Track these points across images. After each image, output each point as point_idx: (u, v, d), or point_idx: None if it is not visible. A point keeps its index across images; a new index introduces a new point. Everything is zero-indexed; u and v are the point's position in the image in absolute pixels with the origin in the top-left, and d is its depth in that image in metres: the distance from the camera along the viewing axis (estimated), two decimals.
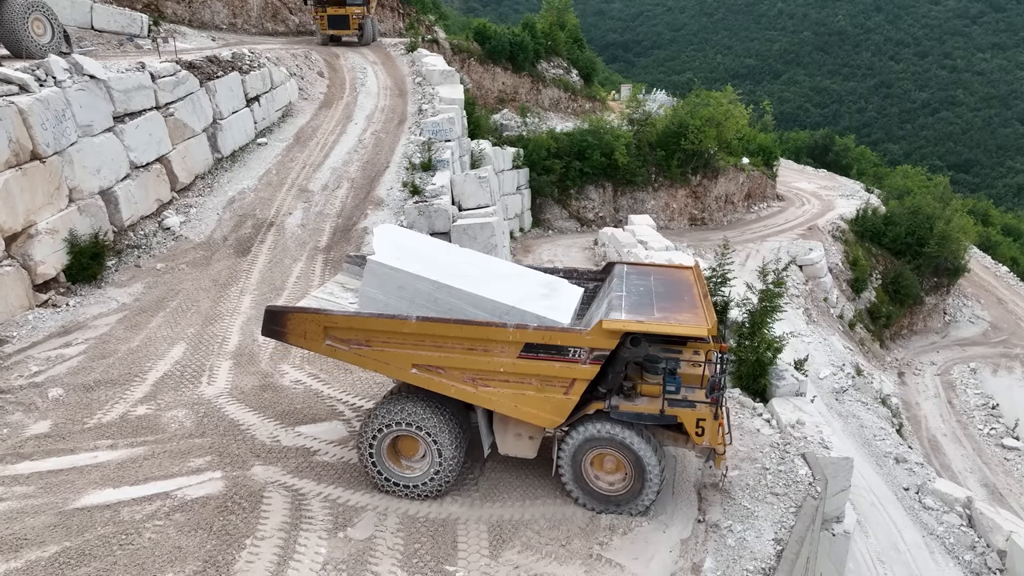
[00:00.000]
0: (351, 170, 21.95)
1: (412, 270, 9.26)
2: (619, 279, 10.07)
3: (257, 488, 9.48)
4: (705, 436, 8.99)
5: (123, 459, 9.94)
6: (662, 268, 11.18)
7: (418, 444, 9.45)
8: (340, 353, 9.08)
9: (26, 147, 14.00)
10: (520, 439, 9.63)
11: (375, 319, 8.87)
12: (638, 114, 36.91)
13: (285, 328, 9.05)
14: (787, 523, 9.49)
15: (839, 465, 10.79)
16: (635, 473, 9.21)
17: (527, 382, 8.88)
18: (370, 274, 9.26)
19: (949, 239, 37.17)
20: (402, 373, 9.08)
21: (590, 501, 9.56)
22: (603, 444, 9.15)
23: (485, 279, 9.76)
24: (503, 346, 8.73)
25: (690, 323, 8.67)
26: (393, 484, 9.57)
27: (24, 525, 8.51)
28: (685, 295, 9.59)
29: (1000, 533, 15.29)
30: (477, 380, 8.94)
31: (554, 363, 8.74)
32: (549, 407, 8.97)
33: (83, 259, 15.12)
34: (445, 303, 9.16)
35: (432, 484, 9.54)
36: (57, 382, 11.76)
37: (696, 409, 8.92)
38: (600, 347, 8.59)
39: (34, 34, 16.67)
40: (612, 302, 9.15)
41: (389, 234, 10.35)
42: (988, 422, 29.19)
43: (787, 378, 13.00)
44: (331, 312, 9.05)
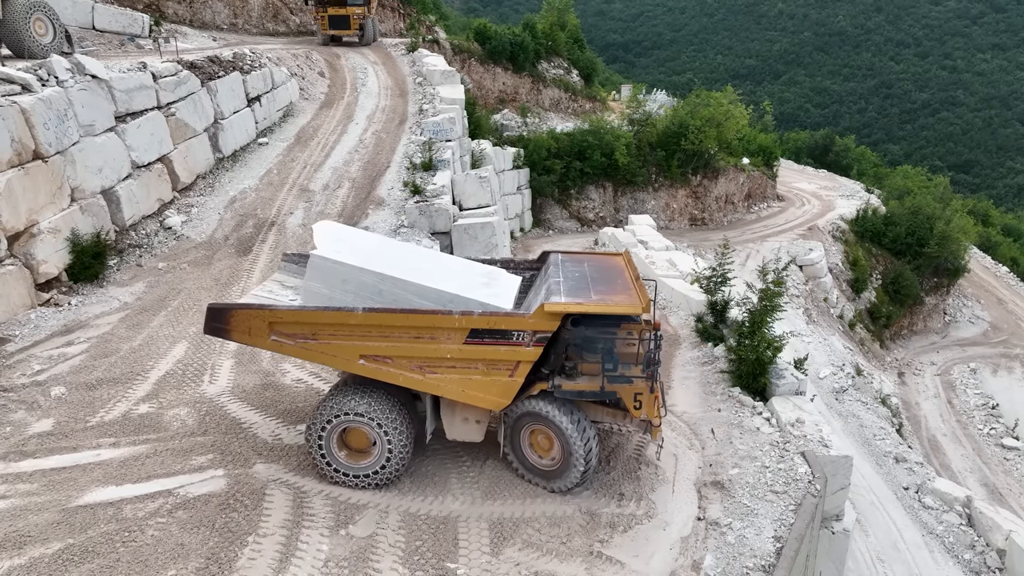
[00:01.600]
0: (352, 170, 21.99)
1: (356, 263, 9.37)
2: (555, 267, 10.53)
3: (259, 486, 9.53)
4: (642, 409, 9.56)
5: (126, 457, 9.98)
6: (595, 255, 11.88)
7: (367, 435, 9.57)
8: (286, 348, 9.16)
9: (28, 147, 14.04)
10: (467, 423, 9.99)
11: (321, 312, 9.00)
12: (638, 114, 36.91)
13: (229, 325, 9.10)
14: (787, 521, 9.53)
15: (838, 463, 10.82)
16: (562, 449, 9.72)
17: (474, 367, 9.22)
18: (313, 269, 9.33)
19: (949, 239, 37.14)
20: (349, 364, 9.22)
21: (528, 474, 10.10)
22: (534, 420, 9.70)
23: (427, 270, 10.01)
24: (450, 333, 9.04)
25: (625, 303, 9.24)
26: (343, 475, 9.66)
27: (27, 522, 8.56)
28: (618, 279, 10.16)
29: (999, 532, 15.30)
30: (425, 367, 9.20)
31: (499, 347, 9.12)
32: (495, 390, 9.35)
33: (85, 258, 15.16)
34: (390, 294, 9.34)
35: (382, 474, 9.68)
36: (59, 380, 11.80)
37: (633, 384, 9.44)
38: (543, 329, 9.04)
39: (36, 34, 16.72)
40: (551, 287, 9.62)
41: (329, 230, 10.36)
42: (988, 422, 29.19)
43: (787, 377, 13.03)
44: (276, 307, 9.13)
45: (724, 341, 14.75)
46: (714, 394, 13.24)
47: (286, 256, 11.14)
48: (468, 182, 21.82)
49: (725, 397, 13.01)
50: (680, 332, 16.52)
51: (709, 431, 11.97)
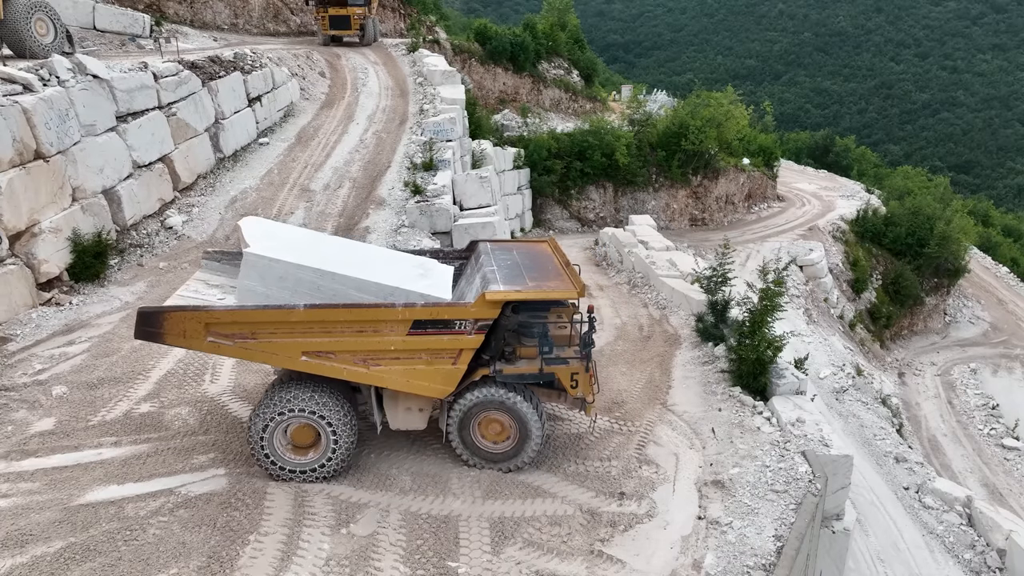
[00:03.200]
0: (353, 170, 22.01)
1: (293, 259, 9.30)
2: (486, 255, 10.81)
3: (260, 484, 9.55)
4: (579, 388, 10.13)
5: (127, 456, 10.00)
6: (522, 243, 12.27)
7: (311, 430, 9.59)
8: (224, 348, 9.06)
9: (30, 146, 14.07)
10: (410, 413, 10.17)
11: (261, 311, 8.93)
12: (639, 115, 36.90)
13: (162, 329, 8.85)
14: (787, 520, 9.53)
15: (839, 463, 10.83)
16: (519, 433, 10.14)
17: (417, 357, 9.41)
18: (248, 267, 9.18)
19: (949, 240, 37.08)
20: (291, 362, 9.20)
21: (480, 462, 10.32)
22: (492, 408, 9.96)
23: (362, 264, 10.02)
24: (392, 325, 9.18)
25: (562, 288, 9.73)
26: (288, 472, 9.64)
27: (29, 521, 8.58)
28: (548, 265, 10.58)
29: (1000, 532, 15.31)
30: (368, 360, 9.30)
31: (442, 336, 9.37)
32: (439, 378, 9.58)
33: (86, 258, 15.19)
34: (328, 289, 9.33)
35: (326, 468, 9.71)
36: (61, 380, 11.82)
37: (569, 365, 9.99)
38: (484, 317, 9.35)
39: (37, 34, 16.74)
40: (487, 276, 9.90)
41: (258, 226, 10.24)
42: (988, 422, 29.17)
43: (787, 377, 13.01)
44: (213, 308, 8.98)
45: (724, 341, 14.75)
46: (714, 394, 13.24)
47: (207, 254, 10.88)
48: (469, 182, 21.84)
49: (726, 397, 13.01)
50: (680, 332, 16.52)
51: (710, 430, 11.98)
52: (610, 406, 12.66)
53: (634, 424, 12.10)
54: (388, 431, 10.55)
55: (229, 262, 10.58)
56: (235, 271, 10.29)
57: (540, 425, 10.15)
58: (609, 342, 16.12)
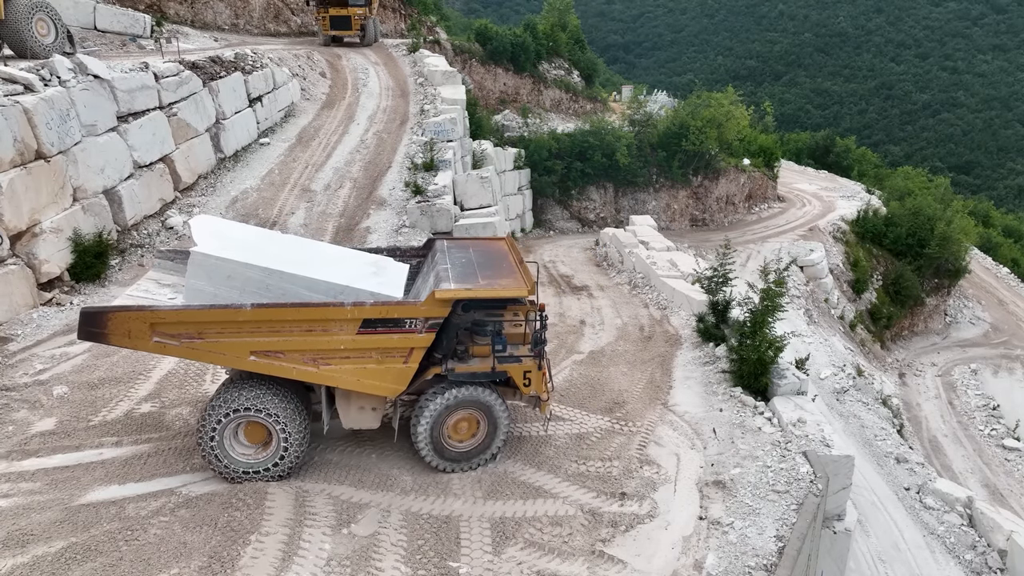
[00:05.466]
0: (353, 170, 22.01)
1: (240, 259, 9.18)
2: (441, 253, 10.77)
3: (261, 485, 9.53)
4: (532, 386, 10.17)
5: (128, 456, 10.00)
6: (479, 241, 12.31)
7: (262, 429, 9.50)
8: (170, 349, 8.93)
9: (31, 146, 14.07)
10: (363, 412, 10.11)
11: (208, 311, 8.80)
12: (639, 115, 36.92)
13: (106, 329, 8.64)
14: (789, 520, 9.52)
15: (840, 463, 10.82)
16: (488, 428, 10.22)
17: (367, 356, 9.34)
18: (195, 266, 9.06)
19: (950, 240, 37.06)
20: (239, 361, 9.10)
21: (442, 462, 10.23)
22: (464, 406, 9.98)
23: (314, 262, 9.96)
24: (342, 324, 9.11)
25: (512, 287, 9.70)
26: (243, 473, 9.55)
27: (31, 521, 8.58)
28: (503, 263, 10.57)
29: (1001, 533, 15.29)
30: (318, 360, 9.24)
31: (392, 335, 9.32)
32: (390, 377, 9.52)
33: (87, 258, 15.21)
34: (278, 289, 9.25)
35: (279, 467, 9.63)
36: (62, 380, 11.82)
37: (522, 363, 10.06)
38: (434, 316, 9.33)
39: (38, 34, 16.75)
40: (440, 274, 9.84)
41: (208, 224, 10.10)
42: (989, 423, 29.15)
43: (788, 377, 13.01)
44: (158, 308, 8.81)
45: (725, 341, 14.75)
46: (716, 394, 13.24)
47: (160, 253, 10.76)
48: (469, 182, 21.85)
49: (727, 397, 13.01)
50: (681, 332, 16.52)
51: (711, 431, 11.98)
52: (611, 406, 12.66)
53: (635, 424, 12.10)
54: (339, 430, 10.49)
55: (181, 261, 10.37)
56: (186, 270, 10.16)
57: (507, 422, 10.30)
58: (610, 342, 16.11)
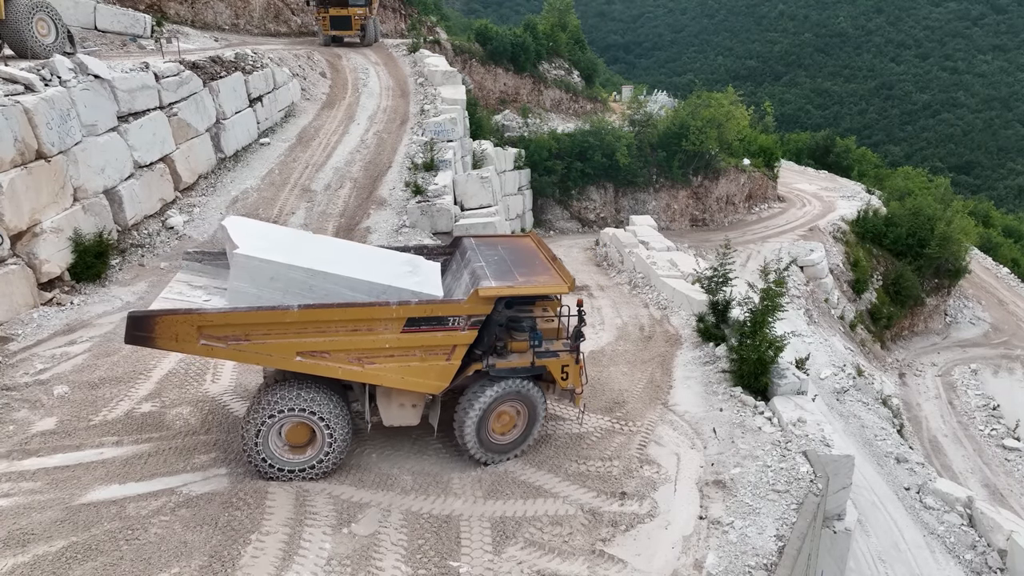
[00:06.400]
0: (353, 170, 22.02)
1: (284, 260, 9.22)
2: (472, 251, 10.90)
3: (261, 484, 9.55)
4: (569, 380, 10.46)
5: (129, 455, 10.00)
6: (506, 238, 12.57)
7: (306, 429, 9.59)
8: (217, 351, 8.94)
9: (31, 146, 14.07)
10: (404, 409, 10.27)
11: (255, 312, 8.80)
12: (639, 115, 36.93)
13: (153, 333, 8.61)
14: (789, 520, 9.53)
15: (840, 463, 10.83)
16: (528, 419, 10.51)
17: (412, 354, 9.49)
18: (239, 268, 9.07)
19: (950, 240, 37.05)
20: (286, 362, 9.14)
21: (487, 454, 10.45)
22: (507, 400, 10.20)
23: (352, 262, 10.01)
24: (387, 323, 9.23)
25: (552, 283, 9.94)
26: (287, 472, 9.63)
27: (31, 520, 8.58)
28: (535, 260, 10.77)
29: (1001, 532, 15.30)
30: (363, 359, 9.34)
31: (436, 333, 9.48)
32: (434, 374, 9.69)
33: (87, 258, 15.20)
34: (320, 289, 9.29)
35: (322, 466, 9.74)
36: (62, 379, 11.82)
37: (560, 357, 10.33)
38: (477, 313, 9.50)
39: (38, 34, 16.75)
40: (476, 272, 9.97)
41: (242, 225, 10.12)
42: (989, 423, 29.15)
43: (788, 377, 13.01)
44: (206, 311, 8.80)
45: (726, 341, 14.75)
46: (716, 394, 13.24)
47: (188, 254, 10.66)
48: (470, 182, 21.85)
49: (727, 397, 13.01)
50: (681, 332, 16.52)
51: (711, 430, 11.98)
52: (611, 406, 12.67)
53: (635, 424, 12.10)
54: (380, 427, 10.57)
55: (210, 262, 10.45)
56: (217, 271, 10.22)
57: (543, 413, 10.56)
58: (610, 342, 16.11)
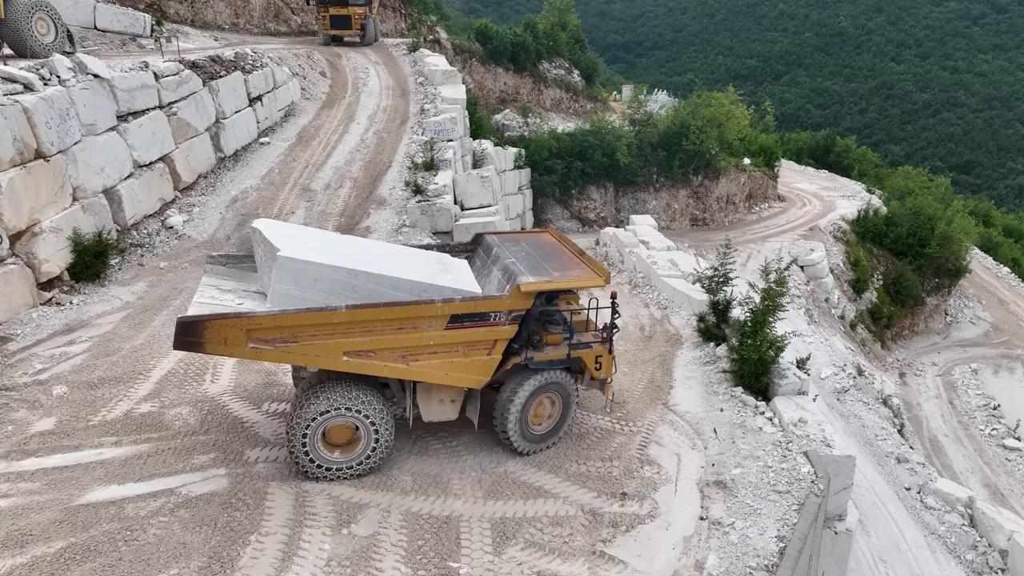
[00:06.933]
0: (353, 169, 21.99)
1: (326, 261, 9.27)
2: (498, 248, 11.09)
3: (261, 485, 9.52)
4: (602, 369, 10.88)
5: (128, 456, 9.98)
6: (526, 234, 12.85)
7: (350, 427, 9.68)
8: (265, 354, 8.96)
9: (30, 146, 14.04)
10: (443, 404, 10.44)
11: (304, 314, 8.84)
12: (639, 115, 36.89)
13: (202, 338, 8.60)
14: (790, 521, 9.50)
15: (841, 463, 10.80)
16: (562, 410, 10.83)
17: (454, 350, 9.68)
18: (282, 270, 9.07)
19: (950, 240, 37.01)
20: (333, 362, 9.20)
21: (527, 444, 10.68)
22: (544, 391, 10.48)
23: (387, 261, 10.08)
24: (431, 321, 9.39)
25: (588, 277, 10.24)
26: (330, 471, 9.71)
27: (30, 521, 8.55)
28: (561, 255, 11.03)
29: (1002, 533, 15.28)
30: (408, 356, 9.48)
31: (479, 329, 9.68)
32: (476, 369, 9.91)
33: (87, 257, 15.16)
34: (363, 289, 9.35)
35: (367, 464, 9.85)
36: (61, 380, 11.79)
37: (593, 348, 10.72)
38: (518, 308, 9.73)
39: (38, 34, 16.73)
40: (509, 268, 10.21)
41: (274, 228, 10.13)
42: (989, 423, 29.12)
43: (789, 377, 12.98)
44: (255, 314, 8.80)
45: (726, 341, 14.72)
46: (716, 394, 13.21)
47: (212, 258, 10.68)
48: (470, 182, 21.82)
49: (727, 397, 12.98)
50: (682, 332, 16.49)
51: (712, 431, 11.95)
52: (611, 406, 12.63)
53: (636, 424, 12.07)
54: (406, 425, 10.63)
55: (235, 265, 10.49)
56: (242, 275, 10.26)
57: (576, 401, 10.88)
58: None
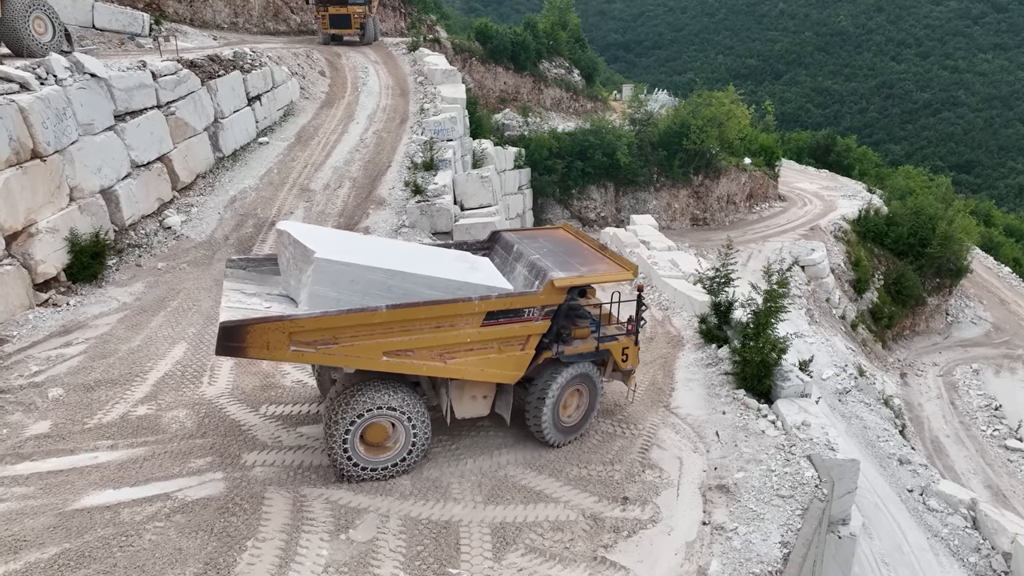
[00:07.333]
0: (353, 169, 21.88)
1: (363, 262, 9.27)
2: (518, 245, 11.25)
3: (258, 489, 9.41)
4: (629, 361, 11.15)
5: (123, 460, 9.86)
6: (541, 231, 13.06)
7: (387, 427, 9.71)
8: (307, 356, 8.89)
9: (27, 145, 13.92)
10: (475, 401, 10.53)
11: (345, 315, 8.84)
12: (640, 114, 36.80)
13: (245, 343, 8.51)
14: (794, 526, 9.39)
15: (845, 467, 10.68)
16: (589, 400, 11.05)
17: (490, 347, 9.80)
18: (320, 272, 9.05)
19: (951, 240, 36.91)
20: (373, 363, 9.19)
21: (559, 437, 10.88)
22: (574, 383, 10.68)
23: (418, 261, 10.12)
24: (468, 318, 9.48)
25: (616, 271, 10.46)
26: (369, 471, 9.72)
27: (24, 526, 8.44)
28: (582, 250, 11.24)
29: (1005, 535, 15.18)
30: (445, 354, 9.53)
31: (513, 325, 9.83)
32: (511, 364, 10.06)
33: (84, 258, 15.04)
34: (399, 289, 9.37)
35: (405, 463, 9.89)
36: (57, 382, 11.68)
37: (619, 341, 10.98)
38: (551, 303, 9.93)
39: (35, 33, 16.61)
40: (536, 264, 10.39)
41: (305, 230, 10.08)
42: (991, 423, 29.01)
43: (792, 379, 12.85)
44: (297, 317, 8.76)
45: (728, 343, 14.61)
46: (718, 396, 13.09)
47: (231, 262, 10.57)
48: (469, 182, 21.71)
49: (729, 399, 12.86)
50: (683, 333, 16.37)
51: (714, 434, 11.84)
52: (612, 409, 12.53)
53: (637, 427, 11.96)
54: None
55: (255, 268, 10.48)
56: (262, 278, 10.27)
57: (601, 392, 11.10)
58: None
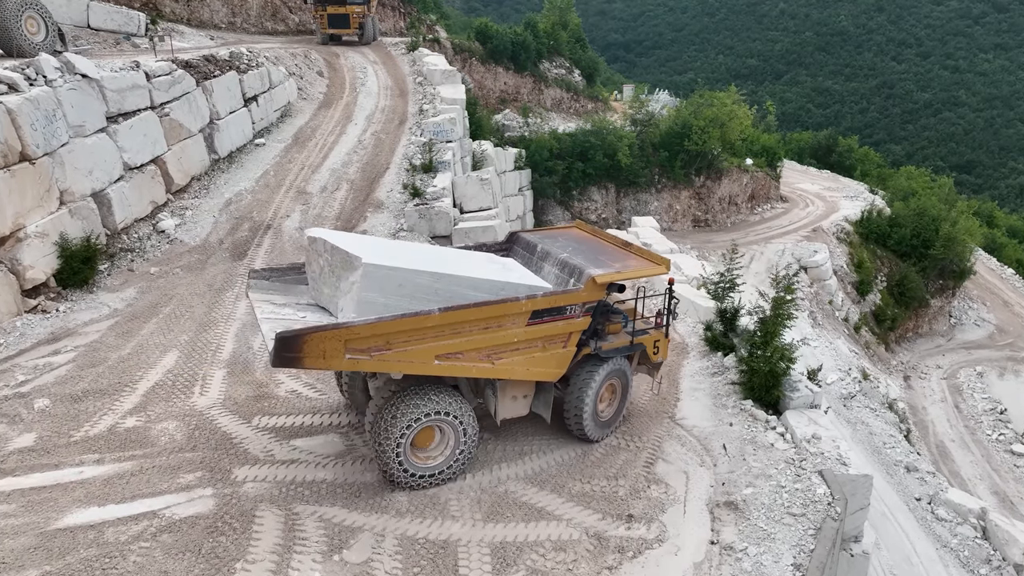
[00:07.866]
0: (350, 171, 21.53)
1: (409, 266, 9.25)
2: (541, 244, 11.44)
3: (249, 507, 9.06)
4: (659, 354, 11.47)
5: (110, 475, 9.51)
6: (557, 230, 13.24)
7: (435, 432, 9.74)
8: (362, 363, 8.77)
9: (15, 148, 13.57)
10: (516, 401, 10.60)
11: (399, 320, 8.76)
12: (641, 115, 36.48)
13: (301, 353, 8.32)
14: (806, 547, 9.03)
15: (858, 483, 10.31)
16: (621, 394, 11.30)
17: (535, 345, 9.88)
18: (367, 278, 8.95)
19: (954, 241, 36.63)
20: (426, 367, 9.13)
21: (598, 431, 11.10)
22: (610, 378, 10.87)
23: (456, 263, 10.16)
24: (515, 318, 9.54)
25: (651, 266, 10.76)
26: (420, 478, 9.69)
27: (3, 547, 8.09)
28: (605, 247, 11.45)
29: (1016, 546, 14.86)
30: (492, 355, 9.55)
31: (557, 323, 9.96)
32: (554, 362, 10.19)
33: (74, 263, 14.68)
34: (445, 291, 9.36)
35: (455, 467, 9.90)
36: (44, 392, 11.33)
37: (650, 334, 11.32)
38: (592, 300, 10.13)
39: (27, 32, 16.29)
40: (568, 262, 10.61)
41: (340, 237, 9.95)
42: (996, 427, 28.69)
43: (801, 389, 12.46)
44: (352, 324, 8.62)
45: (734, 351, 14.24)
46: (725, 407, 12.70)
47: (255, 272, 10.38)
48: (469, 184, 21.35)
49: (737, 410, 12.47)
50: (688, 340, 16.00)
51: (721, 447, 11.47)
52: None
53: (641, 440, 11.60)
54: None
55: (278, 279, 10.34)
56: (287, 287, 10.20)
57: (631, 384, 11.31)
58: None
